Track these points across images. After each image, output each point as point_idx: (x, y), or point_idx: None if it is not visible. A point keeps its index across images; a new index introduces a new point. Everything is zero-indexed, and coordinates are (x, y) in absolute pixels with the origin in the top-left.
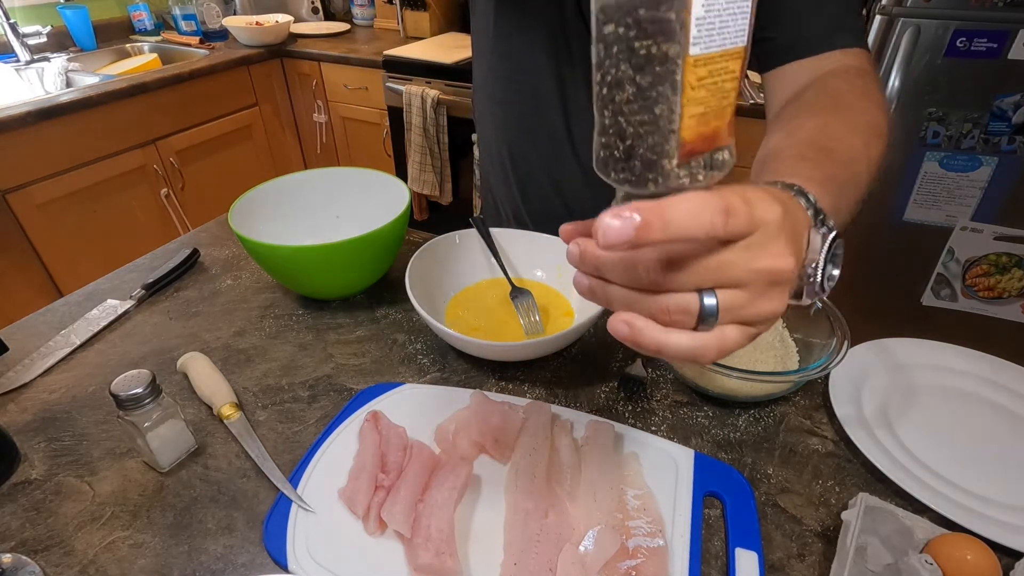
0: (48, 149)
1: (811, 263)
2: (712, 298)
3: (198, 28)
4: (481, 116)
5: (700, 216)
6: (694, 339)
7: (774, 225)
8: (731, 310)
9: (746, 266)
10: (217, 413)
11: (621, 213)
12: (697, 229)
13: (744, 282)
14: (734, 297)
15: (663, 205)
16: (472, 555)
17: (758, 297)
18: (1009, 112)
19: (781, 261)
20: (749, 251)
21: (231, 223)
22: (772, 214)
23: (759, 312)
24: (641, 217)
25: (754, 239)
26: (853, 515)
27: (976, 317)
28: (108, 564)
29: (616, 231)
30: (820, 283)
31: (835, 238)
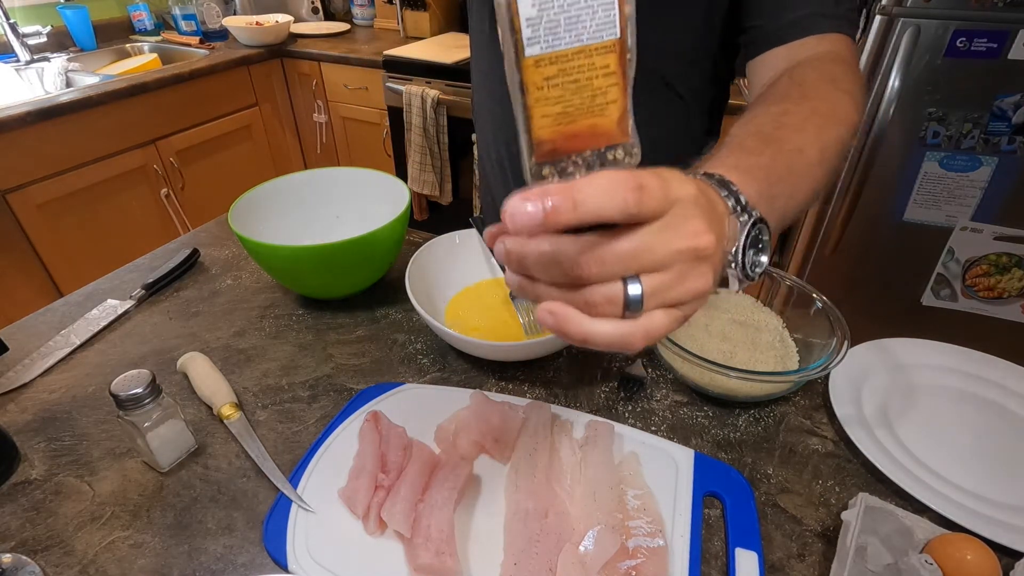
0: (48, 149)
1: (731, 249)
2: (636, 285)
3: (198, 28)
4: (480, 115)
5: (613, 194)
6: (620, 327)
7: (689, 201)
8: (656, 294)
9: (666, 247)
10: (217, 413)
11: (529, 196)
12: (610, 207)
13: (666, 264)
14: (658, 280)
15: (573, 186)
16: (472, 555)
17: (683, 278)
18: (1009, 112)
19: (702, 238)
20: (667, 231)
21: (231, 223)
22: (686, 191)
23: (685, 292)
24: (551, 200)
25: (670, 218)
26: (853, 515)
27: (976, 317)
28: (108, 564)
29: (526, 215)
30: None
31: (755, 224)
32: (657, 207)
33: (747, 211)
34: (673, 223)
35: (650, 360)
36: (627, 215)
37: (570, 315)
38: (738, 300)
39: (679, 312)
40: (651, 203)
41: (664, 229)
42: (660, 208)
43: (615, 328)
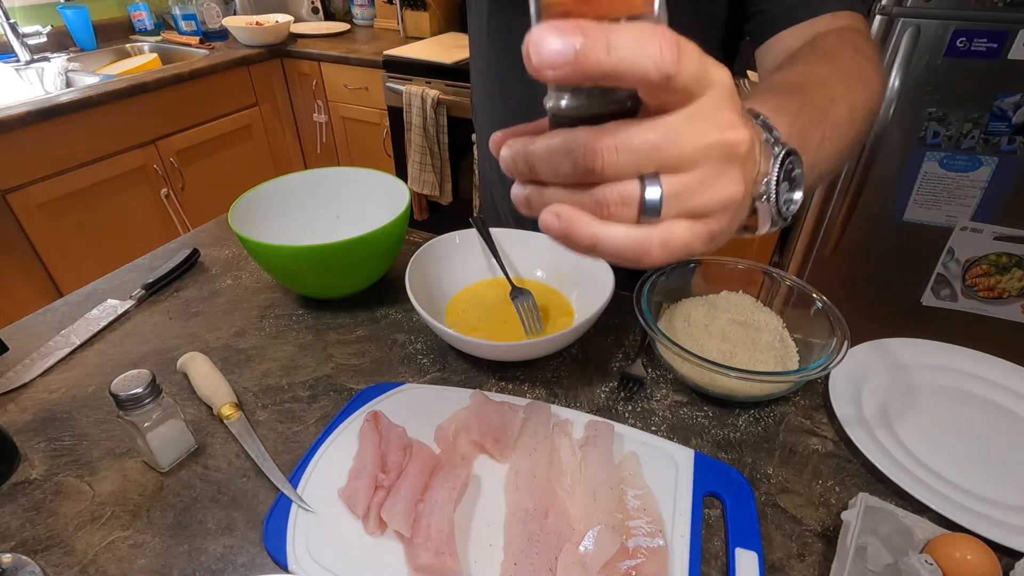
0: (48, 149)
1: (763, 179)
2: (656, 185)
3: (198, 28)
4: (479, 113)
5: (649, 44)
6: (635, 233)
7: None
8: (679, 197)
9: (695, 139)
10: (217, 413)
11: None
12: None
13: (693, 161)
14: (682, 181)
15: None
16: (472, 555)
17: (710, 180)
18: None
19: (735, 132)
20: (697, 120)
21: (231, 223)
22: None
23: (713, 199)
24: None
25: (701, 105)
26: (853, 515)
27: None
28: (108, 564)
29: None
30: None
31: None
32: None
33: (778, 142)
34: (705, 111)
35: (650, 360)
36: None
37: (577, 217)
38: (738, 300)
39: (703, 227)
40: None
41: (694, 118)
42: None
43: (628, 234)
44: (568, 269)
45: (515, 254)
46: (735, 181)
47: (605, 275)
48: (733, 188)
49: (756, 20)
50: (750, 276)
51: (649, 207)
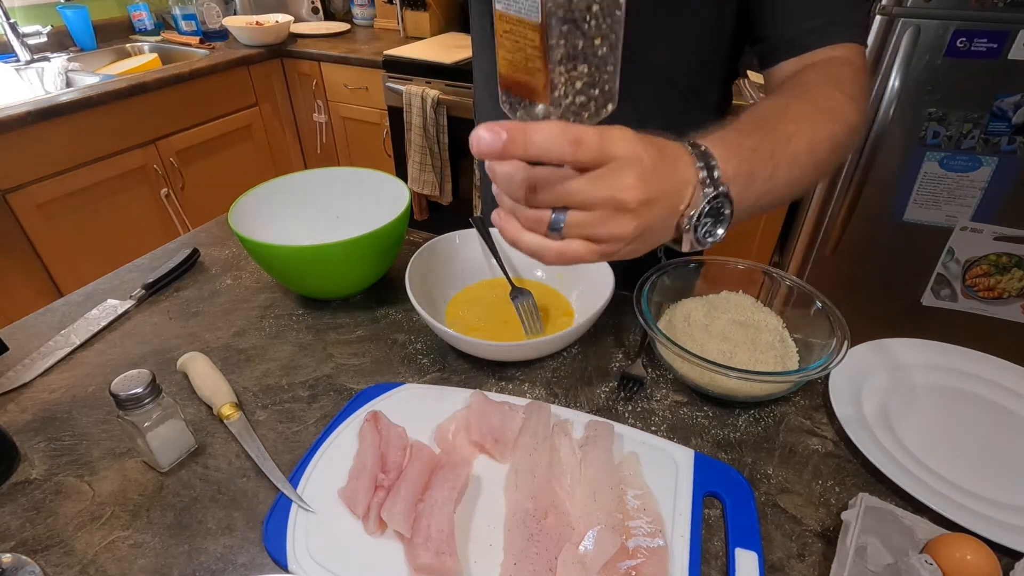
0: (48, 149)
1: (688, 214)
2: (561, 214)
3: (198, 28)
4: (481, 113)
5: (556, 141)
6: (540, 241)
7: (625, 160)
8: (577, 227)
9: (592, 193)
10: (217, 413)
11: (493, 128)
12: (552, 152)
13: (591, 205)
14: (581, 217)
15: (528, 127)
16: (472, 555)
17: (603, 221)
18: (1009, 112)
19: (626, 193)
20: (598, 180)
21: (231, 223)
22: (625, 150)
23: (605, 233)
24: (507, 134)
25: (604, 171)
26: (853, 515)
27: (976, 317)
28: (108, 564)
29: (486, 142)
30: (695, 235)
31: (716, 197)
32: (592, 159)
33: (715, 185)
34: (605, 175)
35: (650, 360)
36: (563, 162)
37: (508, 223)
38: (738, 300)
39: (599, 247)
40: (585, 155)
41: (596, 178)
42: (595, 161)
43: (536, 241)
44: (568, 269)
45: (515, 254)
46: (625, 224)
47: (605, 275)
48: (622, 228)
49: (762, 44)
50: (750, 276)
51: (553, 227)
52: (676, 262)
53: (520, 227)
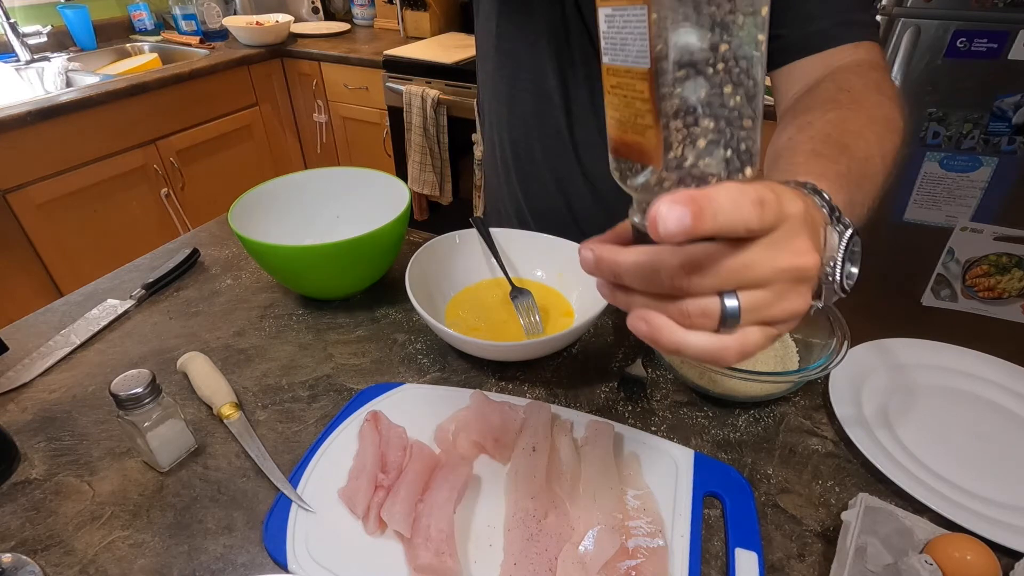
0: (48, 149)
1: (829, 261)
2: (734, 300)
3: (198, 28)
4: (486, 114)
5: (741, 206)
6: (714, 341)
7: (798, 219)
8: (754, 311)
9: (770, 264)
10: (217, 413)
11: (677, 200)
12: (738, 220)
13: (767, 281)
14: (757, 298)
15: (709, 194)
16: (472, 555)
17: (781, 297)
18: (1009, 112)
19: (806, 258)
20: (773, 248)
21: (231, 223)
22: (796, 207)
23: (783, 312)
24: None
25: (778, 235)
26: (853, 515)
27: (976, 317)
28: (108, 564)
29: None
30: (839, 282)
31: (852, 235)
32: (772, 223)
33: (842, 221)
34: (780, 240)
35: (650, 360)
36: (748, 230)
37: (664, 325)
38: None
39: (774, 330)
40: (769, 218)
41: (771, 246)
42: (774, 224)
43: (709, 341)
44: (568, 269)
45: (515, 254)
46: (803, 295)
47: None
48: (801, 301)
49: (775, 43)
50: None
51: (729, 318)
52: None
53: (677, 328)
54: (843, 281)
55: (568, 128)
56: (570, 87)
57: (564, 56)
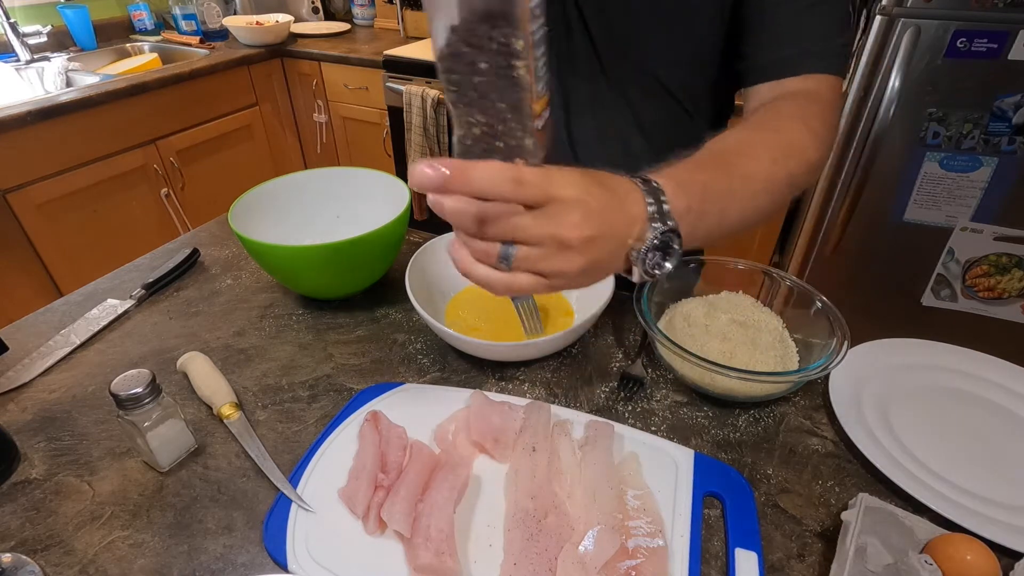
0: (48, 149)
1: (637, 248)
2: (511, 249)
3: (198, 28)
4: None
5: (495, 179)
6: (490, 272)
7: (569, 201)
8: (525, 261)
9: (539, 230)
10: (217, 413)
11: (434, 164)
12: (491, 189)
13: (538, 241)
14: (529, 252)
15: (468, 165)
16: (472, 555)
17: (550, 256)
18: (1009, 112)
19: (569, 231)
20: (543, 218)
21: (231, 223)
22: (568, 192)
23: (550, 268)
24: (450, 171)
25: (550, 209)
26: (853, 515)
27: (976, 317)
28: (108, 564)
29: (426, 177)
30: (643, 266)
31: (665, 233)
32: (534, 198)
33: (664, 220)
34: (551, 213)
35: (650, 360)
36: (505, 199)
37: (461, 253)
38: (738, 300)
39: (546, 281)
40: (526, 194)
41: (541, 216)
42: (538, 200)
43: (487, 272)
44: None
45: None
46: (570, 260)
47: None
48: (567, 264)
49: (742, 64)
50: (750, 276)
51: (502, 260)
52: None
53: (471, 258)
54: (649, 268)
55: (566, 126)
56: (568, 85)
57: (562, 54)
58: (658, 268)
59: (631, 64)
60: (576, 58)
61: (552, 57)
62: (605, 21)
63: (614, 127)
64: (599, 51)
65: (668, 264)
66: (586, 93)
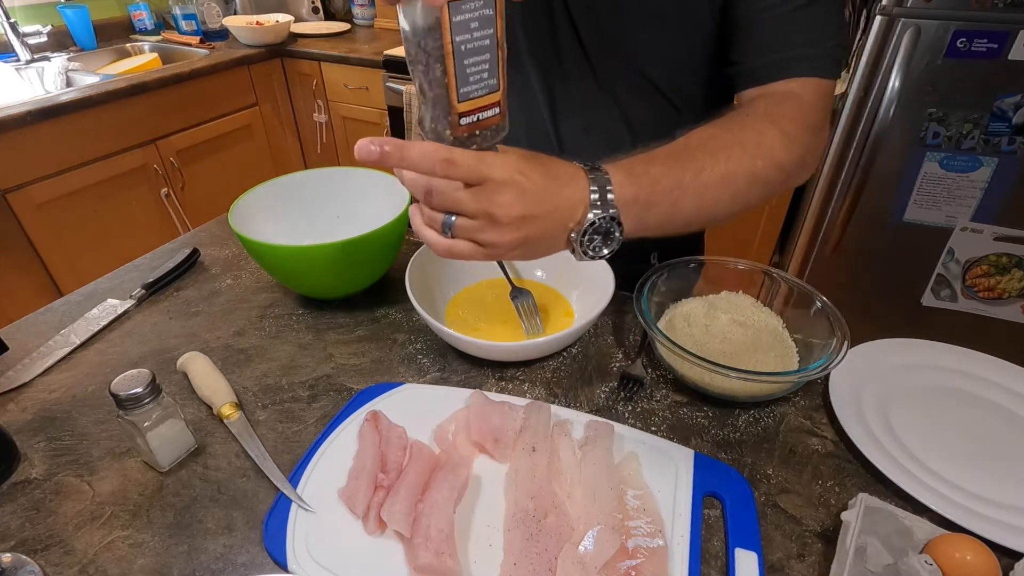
0: (48, 149)
1: (577, 231)
2: (452, 219)
3: (198, 28)
4: None
5: (427, 158)
6: (437, 237)
7: (498, 182)
8: (464, 230)
9: (474, 205)
10: (217, 413)
11: (375, 141)
12: (424, 165)
13: (474, 215)
14: (467, 223)
15: (406, 144)
16: (472, 555)
17: (484, 228)
18: (1009, 113)
19: (499, 209)
20: (478, 195)
21: (231, 223)
22: (501, 174)
23: (486, 239)
24: (388, 147)
25: (486, 188)
26: (853, 515)
27: (976, 317)
28: (108, 563)
29: (368, 151)
30: (581, 250)
31: (604, 218)
32: (466, 177)
33: (606, 207)
34: (486, 192)
35: (650, 360)
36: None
37: (414, 216)
38: (738, 300)
39: (484, 250)
40: (457, 173)
41: (477, 194)
42: (471, 178)
43: (433, 236)
44: (568, 269)
45: None
46: (502, 234)
47: (605, 275)
48: (500, 237)
49: (733, 69)
50: (750, 276)
51: (445, 227)
52: (676, 262)
53: (422, 221)
54: (586, 250)
55: (552, 123)
56: (555, 85)
57: (549, 51)
58: (597, 252)
59: (620, 62)
60: (564, 56)
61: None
62: (593, 19)
63: (602, 125)
64: (587, 49)
65: (605, 250)
66: (574, 91)
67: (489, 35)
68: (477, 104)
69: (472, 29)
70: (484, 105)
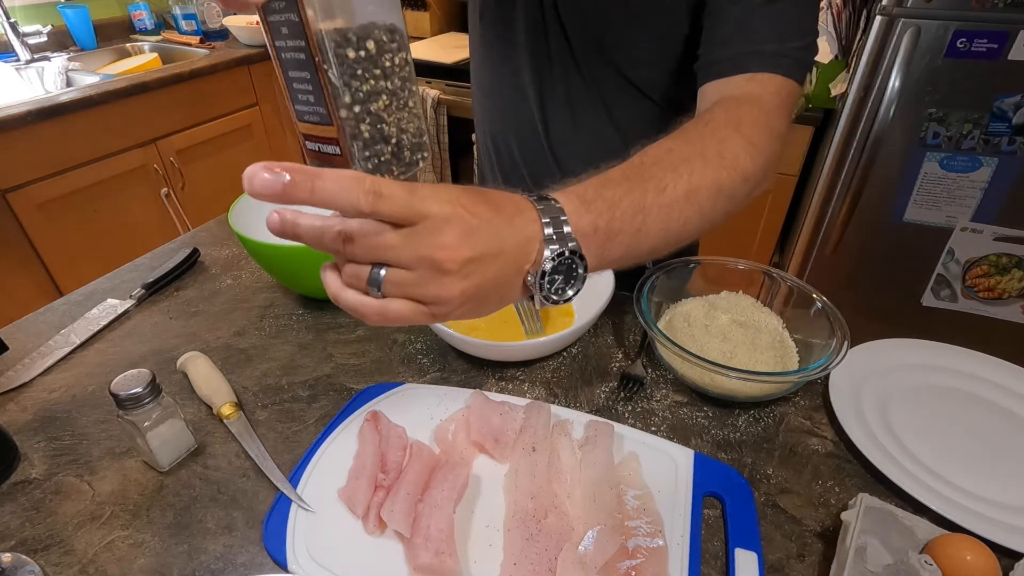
0: (48, 149)
1: (533, 272)
2: (380, 271)
3: (198, 27)
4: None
5: (346, 190)
6: (362, 300)
7: (439, 219)
8: (398, 285)
9: (410, 251)
10: (217, 413)
11: (273, 167)
12: (344, 201)
13: (410, 265)
14: (401, 276)
15: (317, 172)
16: (472, 555)
17: (425, 281)
18: (1009, 113)
19: (442, 252)
20: (413, 238)
21: (231, 223)
22: (439, 209)
23: (426, 294)
24: (291, 176)
25: (420, 228)
26: (853, 515)
27: (976, 317)
28: (108, 563)
29: (264, 182)
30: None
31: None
32: (398, 215)
33: (564, 241)
34: (422, 233)
35: (650, 360)
36: (358, 212)
37: (329, 277)
38: (738, 300)
39: (426, 308)
40: (387, 209)
41: (411, 236)
42: (403, 216)
43: (357, 299)
44: None
45: None
46: (447, 285)
47: (605, 276)
48: (445, 290)
49: (696, 65)
50: (750, 276)
51: (372, 285)
52: (676, 262)
53: (341, 283)
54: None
55: (542, 122)
56: (545, 84)
57: (540, 50)
58: (559, 294)
59: (604, 63)
60: (552, 56)
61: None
62: (580, 19)
63: (590, 125)
64: (574, 49)
65: (570, 291)
66: (562, 91)
67: (303, 48)
68: (313, 131)
69: (285, 36)
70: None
